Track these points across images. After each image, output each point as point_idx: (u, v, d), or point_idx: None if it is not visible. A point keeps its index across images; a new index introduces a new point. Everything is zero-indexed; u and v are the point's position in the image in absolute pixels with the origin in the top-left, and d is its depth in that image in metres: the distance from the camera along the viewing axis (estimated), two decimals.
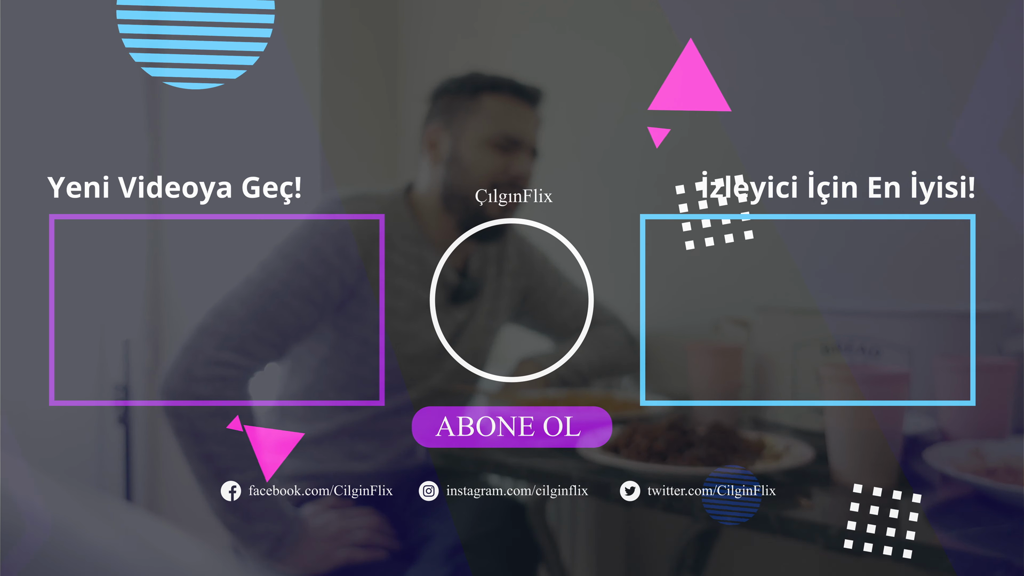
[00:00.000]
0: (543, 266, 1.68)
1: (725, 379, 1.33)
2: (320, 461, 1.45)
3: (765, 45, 1.70)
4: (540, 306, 1.66)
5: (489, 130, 1.45)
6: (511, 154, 1.46)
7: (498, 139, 1.45)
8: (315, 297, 1.33)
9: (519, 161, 1.46)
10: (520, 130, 1.46)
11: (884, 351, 1.26)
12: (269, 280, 1.31)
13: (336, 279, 1.35)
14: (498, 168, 1.45)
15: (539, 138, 1.52)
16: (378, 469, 1.45)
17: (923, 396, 1.18)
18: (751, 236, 1.63)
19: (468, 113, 1.47)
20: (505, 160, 1.45)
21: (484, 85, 1.47)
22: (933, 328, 1.24)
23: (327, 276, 1.34)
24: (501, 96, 1.47)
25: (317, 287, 1.33)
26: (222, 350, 1.25)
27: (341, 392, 1.44)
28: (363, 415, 1.45)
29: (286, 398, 1.48)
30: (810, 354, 1.34)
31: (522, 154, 1.47)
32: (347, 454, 1.45)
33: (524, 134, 1.47)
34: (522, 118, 1.48)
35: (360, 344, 1.41)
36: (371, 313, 1.40)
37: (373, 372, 1.43)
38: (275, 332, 1.30)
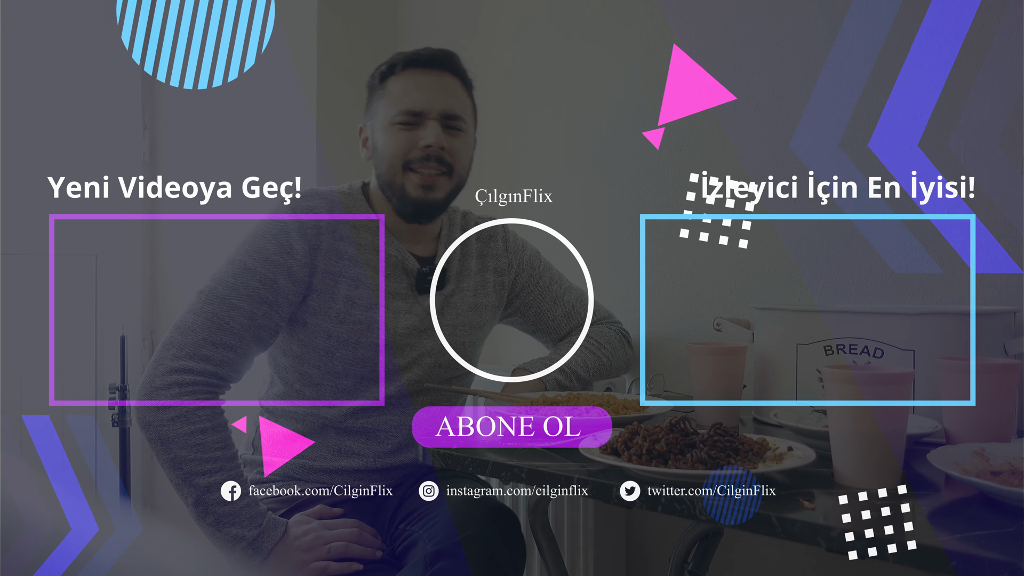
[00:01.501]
0: (534, 262, 1.65)
1: (726, 379, 1.33)
2: (309, 459, 1.45)
3: (765, 45, 1.70)
4: (531, 304, 1.63)
5: (392, 111, 1.44)
6: (416, 129, 1.43)
7: (400, 117, 1.43)
8: (265, 296, 1.37)
9: (425, 132, 1.42)
10: (420, 101, 1.43)
11: (887, 351, 1.26)
12: (217, 286, 1.37)
13: (284, 275, 1.38)
14: (405, 146, 1.43)
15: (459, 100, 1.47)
16: (367, 466, 1.45)
17: (926, 397, 1.18)
18: (751, 236, 1.62)
19: (378, 101, 1.47)
20: (410, 135, 1.43)
21: (388, 71, 1.47)
22: (936, 328, 1.24)
23: (274, 274, 1.37)
24: (402, 75, 1.45)
25: (265, 286, 1.37)
26: (178, 359, 1.31)
27: (316, 388, 1.45)
28: (342, 410, 1.45)
29: (269, 399, 1.51)
30: (812, 354, 1.33)
31: (428, 123, 1.43)
32: (334, 451, 1.45)
33: (426, 103, 1.43)
34: (423, 88, 1.44)
35: (324, 338, 1.42)
36: (332, 305, 1.41)
37: (344, 365, 1.43)
38: (229, 334, 1.34)
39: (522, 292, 1.63)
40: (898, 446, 0.95)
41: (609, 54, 1.96)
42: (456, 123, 1.45)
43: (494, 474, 1.13)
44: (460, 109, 1.46)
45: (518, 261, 1.63)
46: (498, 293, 1.60)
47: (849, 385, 0.95)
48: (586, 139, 2.00)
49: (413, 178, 1.43)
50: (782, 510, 0.88)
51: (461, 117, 1.46)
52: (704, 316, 1.77)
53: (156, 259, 2.90)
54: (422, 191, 1.43)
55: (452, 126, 1.45)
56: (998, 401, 1.09)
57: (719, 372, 1.33)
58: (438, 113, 1.43)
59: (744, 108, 1.71)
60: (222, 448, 1.30)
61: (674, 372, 1.79)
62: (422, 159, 1.43)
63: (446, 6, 2.36)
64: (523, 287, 1.63)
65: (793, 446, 1.05)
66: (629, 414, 1.26)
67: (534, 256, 1.66)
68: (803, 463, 0.98)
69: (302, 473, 1.45)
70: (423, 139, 1.42)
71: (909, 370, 0.99)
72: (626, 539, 1.87)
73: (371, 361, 1.44)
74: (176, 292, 2.82)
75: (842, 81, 1.60)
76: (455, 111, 1.45)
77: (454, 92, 1.47)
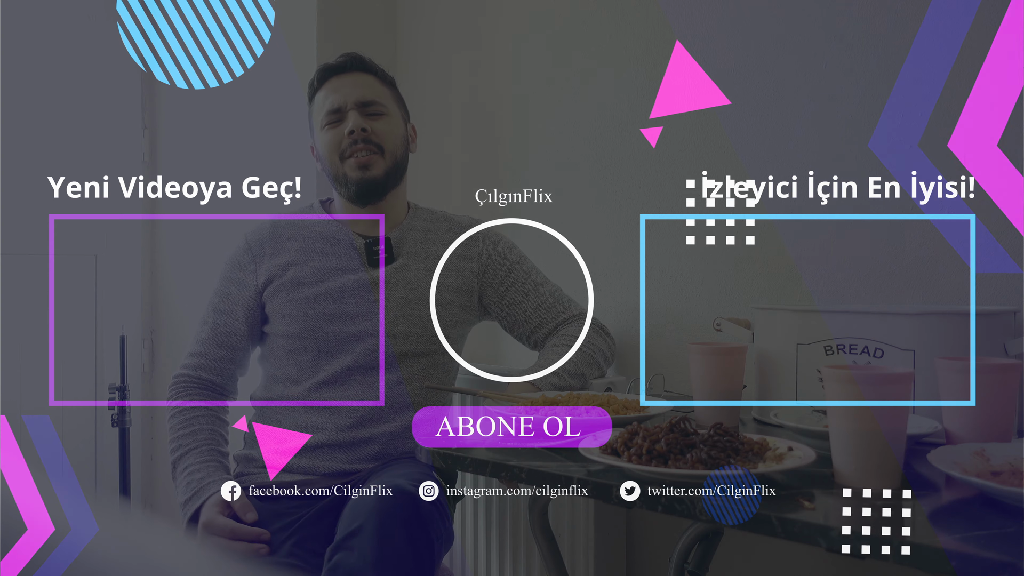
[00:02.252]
0: (506, 253, 1.70)
1: (726, 379, 1.33)
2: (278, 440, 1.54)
3: (765, 45, 1.70)
4: (504, 295, 1.67)
5: (320, 117, 1.63)
6: (341, 123, 1.61)
7: (326, 119, 1.62)
8: (222, 307, 1.63)
9: (347, 122, 1.60)
10: (336, 99, 1.61)
11: (887, 351, 1.26)
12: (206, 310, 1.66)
13: (235, 286, 1.62)
14: (335, 139, 1.61)
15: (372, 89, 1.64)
16: (329, 440, 1.52)
17: (926, 397, 1.18)
18: (752, 236, 1.62)
19: (312, 117, 1.66)
20: (337, 130, 1.61)
21: (313, 89, 1.66)
22: (936, 328, 1.24)
23: (227, 287, 1.63)
24: (323, 87, 1.64)
25: (223, 299, 1.63)
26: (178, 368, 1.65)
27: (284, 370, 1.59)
28: (306, 386, 1.56)
29: (256, 397, 1.64)
30: (812, 354, 1.33)
31: (348, 115, 1.60)
32: (300, 427, 1.54)
33: (341, 99, 1.61)
34: (338, 89, 1.62)
35: (280, 318, 1.58)
36: (281, 289, 1.58)
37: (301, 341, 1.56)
38: (200, 344, 1.63)
39: (494, 282, 1.67)
40: (898, 446, 0.95)
41: (609, 54, 1.96)
42: (374, 108, 1.62)
43: (494, 474, 1.13)
44: (374, 95, 1.63)
45: (488, 252, 1.68)
46: (466, 278, 1.65)
47: (849, 385, 0.95)
48: (586, 139, 2.00)
49: (350, 163, 1.60)
50: (782, 510, 0.88)
51: (377, 102, 1.63)
52: (704, 316, 1.77)
53: (156, 259, 2.90)
54: (360, 171, 1.59)
55: (371, 112, 1.62)
56: (998, 401, 1.09)
57: (719, 372, 1.32)
58: (354, 103, 1.61)
59: (744, 108, 1.71)
60: (183, 428, 1.56)
61: (674, 372, 1.79)
62: (351, 144, 1.59)
63: (446, 6, 2.36)
64: (494, 277, 1.68)
65: (793, 446, 1.05)
66: (629, 414, 1.26)
67: (508, 248, 1.71)
68: (803, 463, 0.98)
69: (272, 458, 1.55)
70: (346, 127, 1.60)
71: (909, 370, 0.99)
72: (626, 539, 1.87)
73: (325, 333, 1.56)
74: (176, 292, 2.82)
75: (842, 81, 1.60)
76: (368, 98, 1.62)
77: (367, 84, 1.64)
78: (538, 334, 1.67)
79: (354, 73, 1.64)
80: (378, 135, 1.61)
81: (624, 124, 1.93)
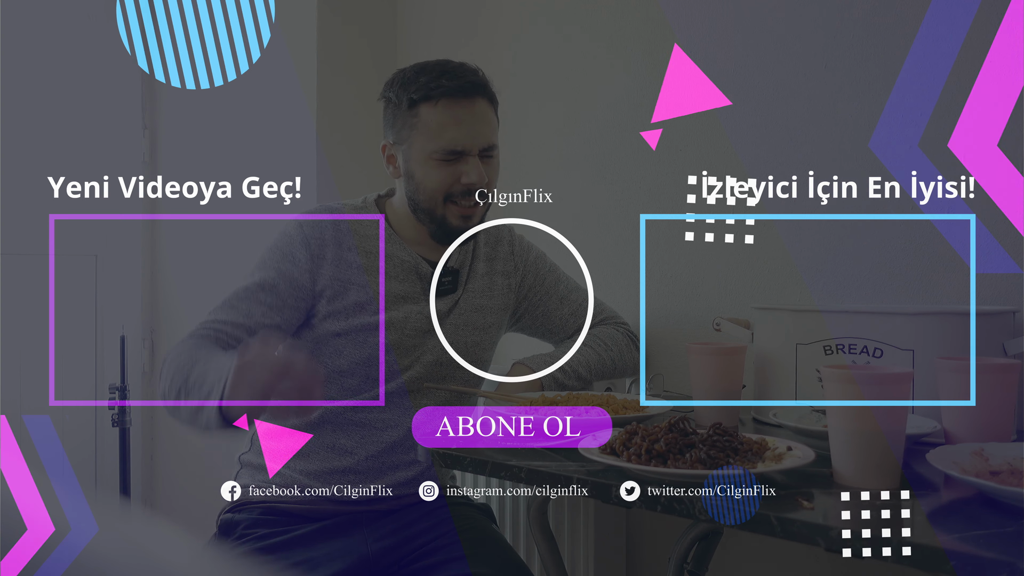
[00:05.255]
0: (539, 263, 1.66)
1: (726, 379, 1.33)
2: (303, 458, 1.47)
3: (765, 45, 1.70)
4: (538, 304, 1.64)
5: (431, 146, 1.44)
6: (457, 164, 1.44)
7: (440, 155, 1.44)
8: (272, 302, 1.43)
9: (467, 168, 1.44)
10: (460, 139, 1.44)
11: (886, 351, 1.26)
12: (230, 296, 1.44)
13: (285, 285, 1.44)
14: (447, 181, 1.45)
15: (493, 128, 1.48)
16: (358, 464, 1.47)
17: (926, 397, 1.18)
18: (751, 236, 1.62)
19: (411, 130, 1.46)
20: (452, 171, 1.44)
21: (420, 98, 1.44)
22: (935, 328, 1.24)
23: (281, 283, 1.44)
24: (436, 105, 1.44)
25: (269, 293, 1.43)
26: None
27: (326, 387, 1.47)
28: (339, 408, 1.47)
29: None
30: (812, 354, 1.33)
31: (469, 160, 1.44)
32: (328, 448, 1.47)
33: (467, 141, 1.44)
34: (462, 123, 1.44)
35: (333, 337, 1.46)
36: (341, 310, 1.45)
37: (350, 364, 1.45)
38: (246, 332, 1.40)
39: (529, 293, 1.64)
40: (898, 446, 0.95)
41: (609, 54, 1.96)
42: (492, 152, 1.48)
43: (494, 474, 1.13)
44: (494, 137, 1.48)
45: (523, 263, 1.63)
46: (505, 296, 1.60)
47: (849, 385, 0.95)
48: (586, 139, 2.00)
49: (454, 210, 1.46)
50: (781, 510, 0.88)
51: (496, 145, 1.49)
52: (704, 316, 1.77)
53: (156, 259, 2.90)
54: (462, 220, 1.47)
55: (488, 155, 1.47)
56: (998, 401, 1.09)
57: (719, 372, 1.32)
58: (479, 149, 1.45)
59: (744, 108, 1.71)
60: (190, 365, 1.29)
61: (674, 372, 1.79)
62: (463, 193, 1.45)
63: (446, 6, 2.36)
64: (530, 288, 1.64)
65: (792, 446, 1.05)
66: (629, 414, 1.26)
67: (539, 257, 1.67)
68: (802, 463, 0.98)
69: (300, 479, 1.47)
70: (465, 176, 1.44)
71: (909, 370, 0.99)
72: (626, 539, 1.87)
73: (376, 361, 1.46)
74: (176, 292, 2.82)
75: (842, 81, 1.60)
76: (491, 141, 1.47)
77: (488, 121, 1.48)
78: (569, 335, 1.65)
79: (476, 100, 1.45)
80: (489, 184, 1.47)
81: (624, 124, 1.93)
